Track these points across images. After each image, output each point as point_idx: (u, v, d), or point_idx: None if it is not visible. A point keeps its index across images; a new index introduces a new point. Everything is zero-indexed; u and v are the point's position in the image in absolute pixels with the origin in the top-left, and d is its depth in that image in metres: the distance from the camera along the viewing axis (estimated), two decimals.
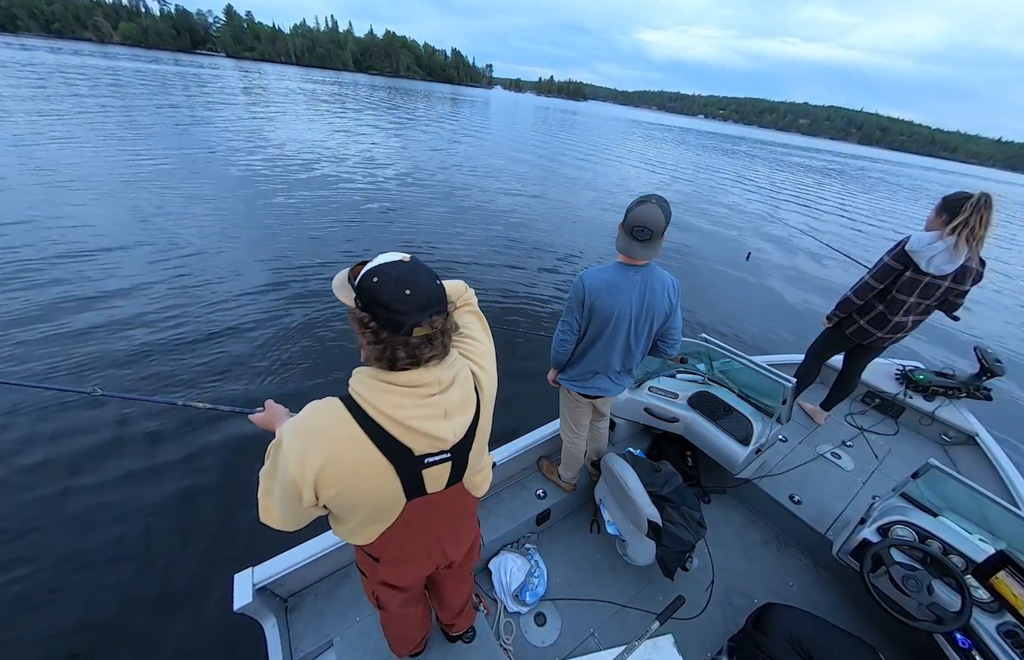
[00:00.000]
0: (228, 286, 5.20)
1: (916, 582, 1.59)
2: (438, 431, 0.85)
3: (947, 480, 1.85)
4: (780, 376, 2.25)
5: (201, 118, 16.95)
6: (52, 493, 2.70)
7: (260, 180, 9.59)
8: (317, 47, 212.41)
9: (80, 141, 10.86)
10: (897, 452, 2.91)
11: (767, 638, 1.53)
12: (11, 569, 2.30)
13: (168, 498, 2.75)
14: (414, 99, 49.46)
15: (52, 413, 3.21)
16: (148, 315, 4.45)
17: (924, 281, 2.26)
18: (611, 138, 36.13)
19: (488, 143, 20.85)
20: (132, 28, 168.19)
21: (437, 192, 10.51)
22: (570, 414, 2.08)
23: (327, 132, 17.67)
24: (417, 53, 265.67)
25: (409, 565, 1.11)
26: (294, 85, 44.32)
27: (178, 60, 76.37)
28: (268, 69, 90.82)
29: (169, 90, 25.52)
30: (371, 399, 0.80)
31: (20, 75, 22.57)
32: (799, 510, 2.32)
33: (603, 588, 2.02)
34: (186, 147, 11.83)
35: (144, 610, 2.21)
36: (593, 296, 1.62)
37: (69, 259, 5.28)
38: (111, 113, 15.55)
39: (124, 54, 74.59)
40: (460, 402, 0.89)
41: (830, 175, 33.33)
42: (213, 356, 4.01)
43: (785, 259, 9.19)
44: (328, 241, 6.85)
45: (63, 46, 77.06)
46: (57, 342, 3.91)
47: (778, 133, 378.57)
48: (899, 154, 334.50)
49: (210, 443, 3.15)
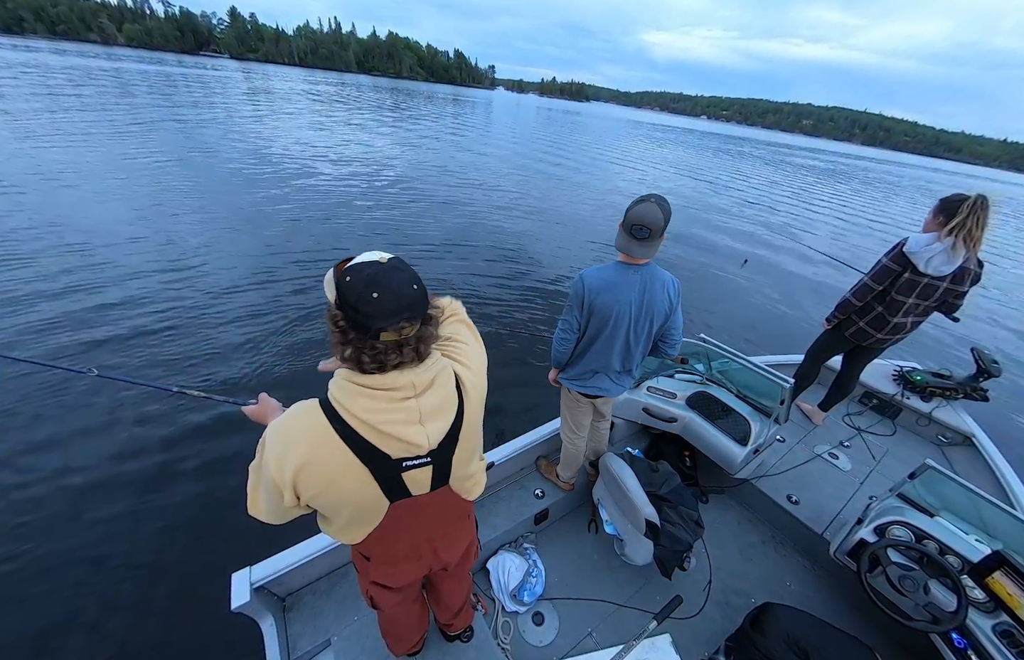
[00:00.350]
0: (226, 278, 5.24)
1: (913, 582, 1.60)
2: (411, 436, 0.82)
3: (944, 481, 1.86)
4: (778, 376, 2.25)
5: (204, 119, 17.00)
6: (43, 478, 2.72)
7: (263, 180, 9.62)
8: (320, 48, 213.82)
9: (84, 140, 10.90)
10: (894, 453, 2.91)
11: (764, 638, 1.53)
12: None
13: (163, 494, 2.74)
14: (415, 100, 49.42)
15: (49, 394, 3.26)
16: (146, 303, 4.53)
17: (922, 282, 2.27)
18: (610, 139, 36.06)
19: (488, 145, 20.75)
20: (136, 30, 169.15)
21: (435, 193, 10.50)
22: (570, 414, 2.08)
23: (328, 132, 17.68)
24: (420, 54, 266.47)
25: (400, 565, 1.10)
26: (296, 86, 44.42)
27: (182, 61, 77.10)
28: (271, 70, 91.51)
29: (172, 91, 25.61)
30: (346, 403, 0.79)
31: (26, 78, 22.75)
32: (797, 510, 2.32)
33: (601, 588, 2.03)
34: (188, 146, 11.87)
35: (142, 610, 2.20)
36: (592, 295, 1.62)
37: (73, 251, 5.37)
38: (115, 113, 15.62)
39: (129, 55, 75.33)
40: (438, 406, 0.86)
41: (832, 176, 33.16)
42: (210, 346, 4.04)
43: (781, 261, 9.17)
44: (328, 236, 6.88)
45: (68, 48, 77.78)
46: (60, 327, 4.02)
47: (781, 134, 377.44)
48: (903, 155, 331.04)
49: (208, 439, 3.14)
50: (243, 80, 45.11)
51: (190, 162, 10.32)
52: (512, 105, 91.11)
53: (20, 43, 76.27)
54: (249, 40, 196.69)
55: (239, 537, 2.53)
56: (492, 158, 16.44)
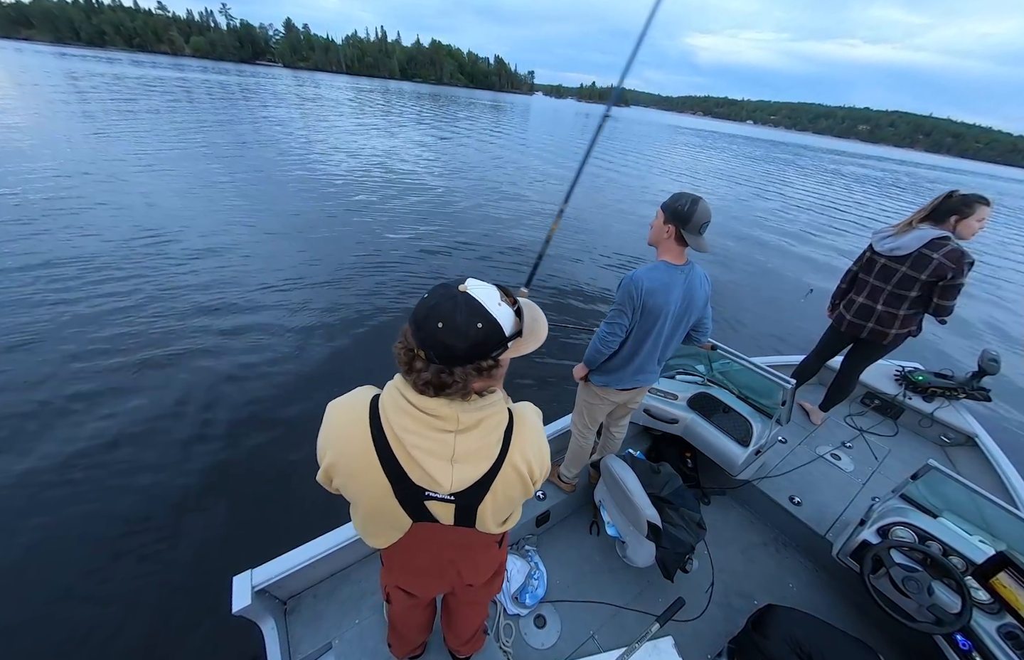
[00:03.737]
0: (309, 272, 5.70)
1: (916, 583, 1.59)
2: (434, 471, 0.79)
3: (946, 481, 1.85)
4: (779, 377, 2.25)
5: (265, 130, 17.57)
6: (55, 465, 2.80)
7: (326, 183, 10.26)
8: (366, 56, 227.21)
9: (159, 145, 11.89)
10: (897, 453, 2.91)
11: (767, 640, 1.52)
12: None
13: (165, 494, 2.74)
14: (455, 106, 49.55)
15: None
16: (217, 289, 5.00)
17: (879, 262, 2.47)
18: (643, 145, 34.64)
19: (525, 154, 20.08)
20: (202, 41, 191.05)
21: (460, 196, 10.58)
22: (587, 409, 2.06)
23: (382, 138, 18.46)
24: (461, 60, 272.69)
25: (421, 578, 1.09)
26: (343, 95, 45.62)
27: (241, 71, 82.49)
28: (320, 78, 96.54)
29: (239, 100, 27.23)
30: (389, 413, 0.80)
31: (112, 88, 25.46)
32: (799, 511, 2.32)
33: (603, 590, 2.02)
34: (251, 151, 12.70)
35: (141, 612, 2.20)
36: (647, 296, 1.63)
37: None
38: (185, 118, 16.93)
39: (194, 65, 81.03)
40: (475, 450, 0.81)
41: (899, 188, 30.29)
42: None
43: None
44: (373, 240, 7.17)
45: (143, 59, 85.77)
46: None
47: (835, 140, 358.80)
48: (976, 163, 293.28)
49: (208, 437, 3.14)
50: (296, 88, 47.12)
51: (255, 162, 11.28)
52: (550, 111, 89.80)
53: (102, 55, 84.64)
54: (301, 50, 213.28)
55: (238, 538, 2.54)
56: (526, 168, 16.15)
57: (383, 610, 1.68)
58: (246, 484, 2.87)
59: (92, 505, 2.65)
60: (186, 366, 3.82)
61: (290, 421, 3.39)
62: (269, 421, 3.37)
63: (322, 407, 0.87)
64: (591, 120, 66.02)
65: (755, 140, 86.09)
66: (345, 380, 3.38)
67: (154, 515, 2.64)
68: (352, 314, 4.92)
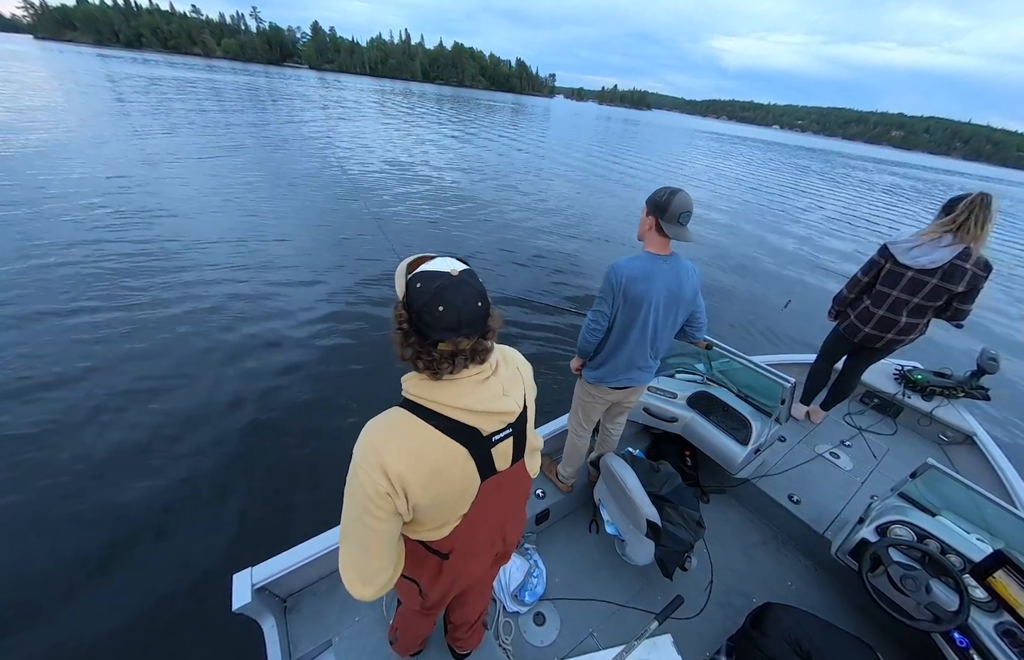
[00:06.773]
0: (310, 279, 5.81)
1: (914, 582, 1.59)
2: (504, 406, 0.89)
3: (945, 480, 1.86)
4: (779, 376, 2.25)
5: (289, 129, 18.06)
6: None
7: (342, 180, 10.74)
8: (389, 59, 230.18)
9: (193, 143, 12.59)
10: (896, 452, 2.91)
11: (766, 638, 1.53)
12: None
13: (165, 493, 2.75)
14: (476, 110, 49.25)
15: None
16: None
17: (907, 275, 2.31)
18: (663, 149, 33.84)
19: (544, 158, 19.77)
20: (232, 44, 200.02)
21: (480, 200, 10.64)
22: (582, 408, 2.07)
23: (400, 136, 19.20)
24: (483, 63, 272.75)
25: (478, 558, 1.09)
26: (367, 97, 46.01)
27: (268, 73, 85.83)
28: (345, 79, 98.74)
29: (270, 103, 28.02)
30: (431, 395, 0.83)
31: (148, 90, 26.63)
32: (798, 510, 2.32)
33: (602, 588, 2.02)
34: (276, 153, 13.17)
35: (141, 611, 2.20)
36: (627, 283, 1.64)
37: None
38: (215, 118, 17.98)
39: (225, 67, 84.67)
40: (512, 377, 0.96)
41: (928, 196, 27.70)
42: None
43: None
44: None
45: (176, 60, 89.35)
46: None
47: (866, 146, 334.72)
48: (1016, 171, 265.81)
49: (210, 437, 3.14)
50: (321, 90, 47.79)
51: (280, 161, 11.86)
52: (570, 114, 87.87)
53: (139, 57, 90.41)
54: (327, 52, 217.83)
55: (238, 537, 2.54)
56: (543, 173, 16.00)
57: (383, 608, 1.68)
58: (246, 484, 2.87)
59: (92, 505, 2.66)
60: (208, 361, 3.85)
61: (294, 421, 3.38)
62: (277, 420, 3.33)
63: (327, 407, 0.86)
64: (612, 123, 65.98)
65: (772, 145, 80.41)
66: (353, 382, 3.41)
67: (154, 514, 2.65)
68: (370, 325, 4.88)
